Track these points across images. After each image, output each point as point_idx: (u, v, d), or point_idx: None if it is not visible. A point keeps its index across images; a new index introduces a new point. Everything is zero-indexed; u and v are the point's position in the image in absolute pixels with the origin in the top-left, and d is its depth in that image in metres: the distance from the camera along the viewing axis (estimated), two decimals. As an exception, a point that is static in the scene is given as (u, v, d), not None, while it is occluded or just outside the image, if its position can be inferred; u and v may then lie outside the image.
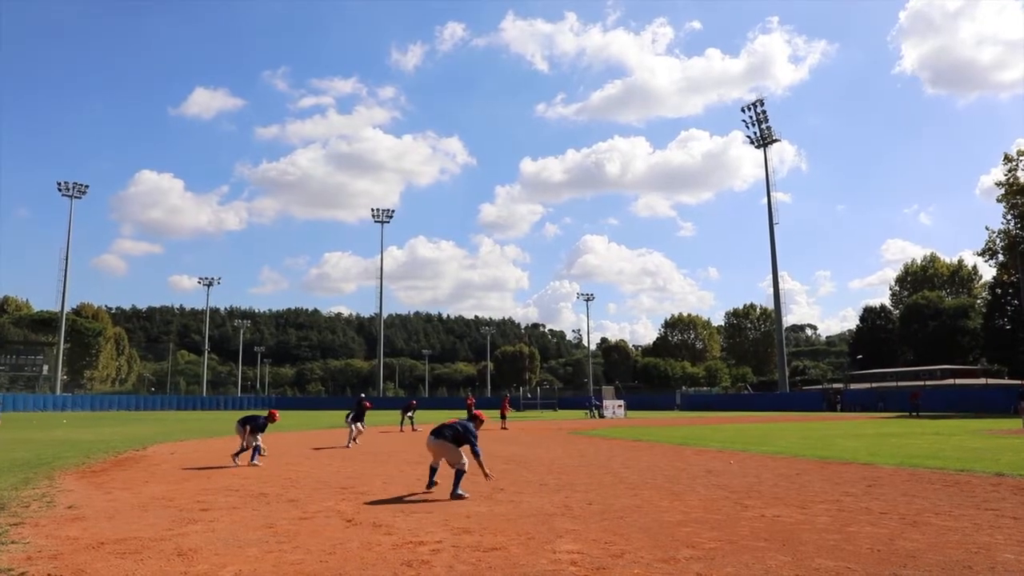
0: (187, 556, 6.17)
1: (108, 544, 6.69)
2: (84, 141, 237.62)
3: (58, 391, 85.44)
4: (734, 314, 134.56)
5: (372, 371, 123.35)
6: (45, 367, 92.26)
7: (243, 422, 14.56)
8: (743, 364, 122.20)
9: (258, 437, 14.46)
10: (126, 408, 79.64)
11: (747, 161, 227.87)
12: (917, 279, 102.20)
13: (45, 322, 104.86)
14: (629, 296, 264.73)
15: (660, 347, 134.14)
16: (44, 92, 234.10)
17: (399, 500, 9.57)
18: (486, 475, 10.44)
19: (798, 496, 9.83)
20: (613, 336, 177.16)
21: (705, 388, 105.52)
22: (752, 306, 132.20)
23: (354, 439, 19.56)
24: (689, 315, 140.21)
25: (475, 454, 10.10)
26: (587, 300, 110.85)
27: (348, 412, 20.37)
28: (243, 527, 7.55)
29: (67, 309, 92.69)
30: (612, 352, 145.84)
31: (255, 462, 14.25)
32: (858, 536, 6.98)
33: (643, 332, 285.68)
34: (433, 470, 10.62)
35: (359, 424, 19.82)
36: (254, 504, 9.20)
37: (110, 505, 9.14)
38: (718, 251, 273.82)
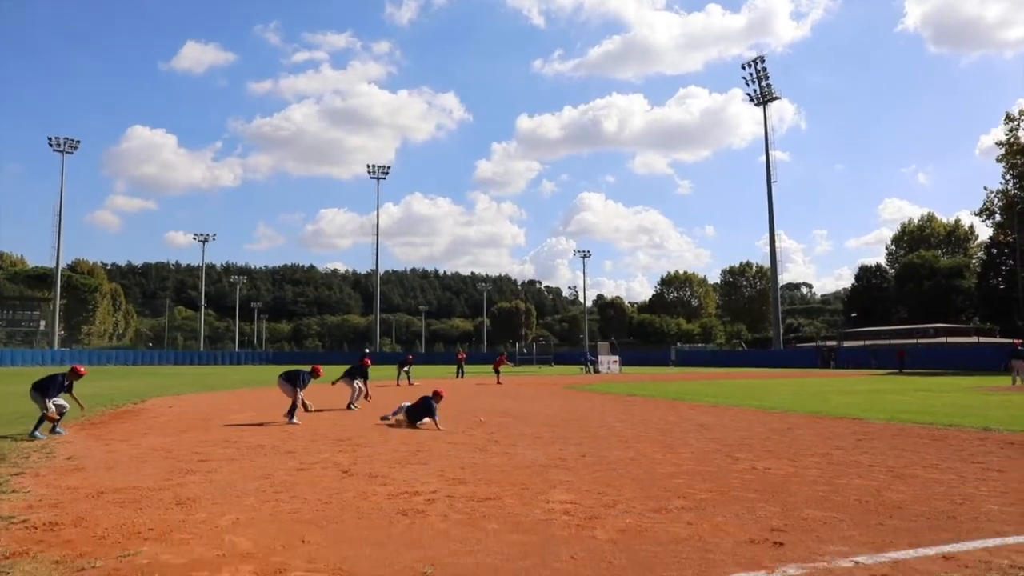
0: (186, 505, 6.26)
1: (107, 493, 6.78)
2: (75, 96, 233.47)
3: (56, 346, 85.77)
4: (730, 272, 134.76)
5: (369, 327, 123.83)
6: (42, 322, 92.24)
7: (285, 377, 13.93)
8: (738, 321, 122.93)
9: (299, 393, 13.60)
10: (124, 363, 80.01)
11: (746, 119, 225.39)
12: (913, 239, 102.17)
13: (40, 278, 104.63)
14: (626, 253, 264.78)
15: (656, 304, 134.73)
16: (34, 46, 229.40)
17: (395, 452, 9.68)
18: (437, 427, 12.44)
19: (789, 449, 9.98)
20: (609, 293, 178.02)
21: (700, 345, 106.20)
22: (748, 264, 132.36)
23: (356, 401, 17.35)
24: (685, 272, 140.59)
25: (435, 420, 12.57)
26: (583, 257, 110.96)
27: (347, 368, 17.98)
28: (241, 477, 7.65)
29: (62, 265, 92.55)
30: (608, 309, 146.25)
31: (294, 420, 13.24)
32: (846, 488, 7.10)
33: (639, 289, 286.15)
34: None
35: (360, 383, 17.62)
36: (251, 455, 9.31)
37: (109, 456, 9.24)
38: (715, 209, 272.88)
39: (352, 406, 16.80)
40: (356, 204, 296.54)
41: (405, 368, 31.36)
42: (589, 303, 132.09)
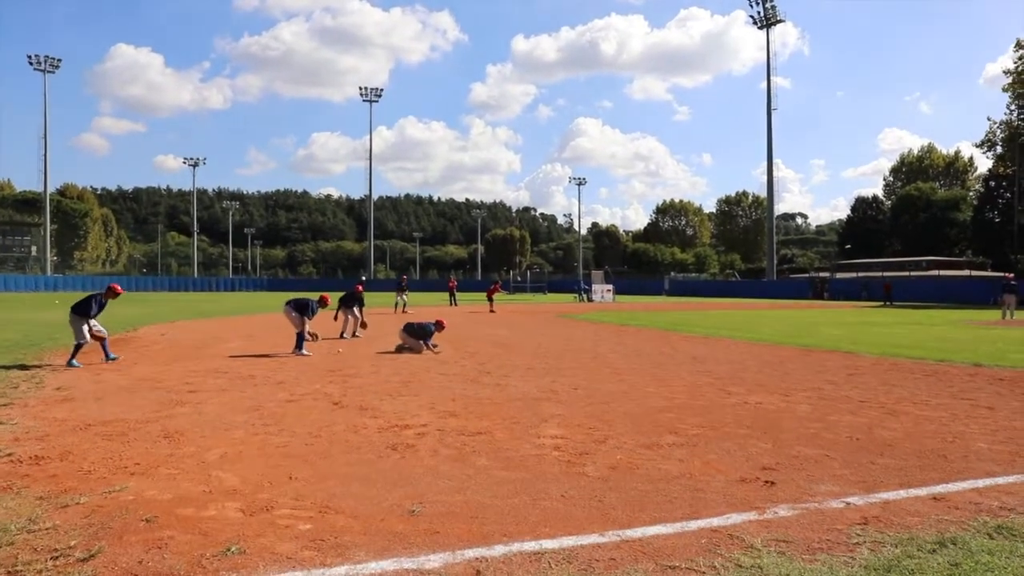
0: (173, 438, 6.21)
1: (95, 426, 6.73)
2: (54, 13, 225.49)
3: (48, 272, 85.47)
4: (726, 201, 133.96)
5: (363, 253, 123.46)
6: (34, 248, 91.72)
7: (294, 305, 13.26)
8: (732, 251, 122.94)
9: (307, 323, 13.16)
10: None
11: (748, 43, 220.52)
12: (912, 170, 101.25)
13: (29, 202, 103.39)
14: (621, 181, 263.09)
15: (651, 233, 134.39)
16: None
17: (387, 383, 9.66)
18: (433, 351, 13.70)
19: (781, 384, 9.99)
20: (604, 221, 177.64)
21: (694, 275, 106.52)
22: (744, 193, 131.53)
23: (350, 331, 17.04)
24: (681, 201, 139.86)
25: (428, 346, 13.75)
26: (579, 184, 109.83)
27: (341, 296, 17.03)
28: (230, 409, 7.60)
29: (51, 189, 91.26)
30: (603, 237, 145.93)
31: (303, 352, 12.83)
32: (838, 425, 7.10)
33: (634, 217, 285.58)
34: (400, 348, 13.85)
35: (355, 311, 17.16)
36: (241, 386, 9.27)
37: (98, 387, 9.18)
38: (713, 137, 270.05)
39: (345, 335, 16.78)
40: (349, 128, 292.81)
41: (403, 296, 31.30)
42: (584, 231, 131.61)
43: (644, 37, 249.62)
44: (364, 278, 38.76)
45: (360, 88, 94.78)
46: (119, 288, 12.92)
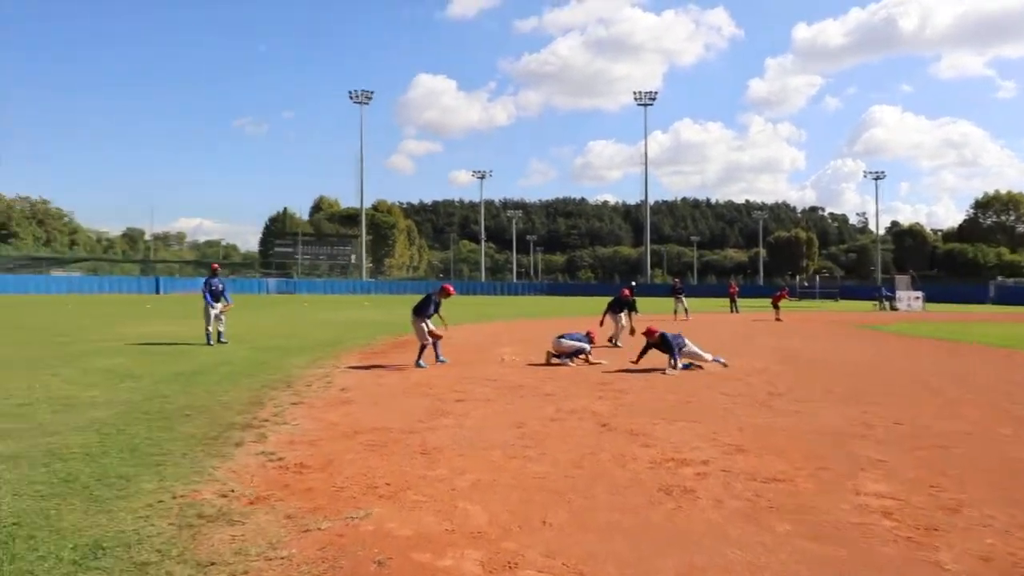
0: (430, 455, 5.82)
1: (362, 433, 6.64)
2: (367, 51, 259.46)
3: (364, 277, 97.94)
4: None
5: (640, 258, 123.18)
6: (353, 256, 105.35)
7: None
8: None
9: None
10: (419, 292, 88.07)
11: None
12: None
13: (351, 217, 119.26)
14: (926, 173, 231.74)
15: (967, 231, 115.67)
16: (324, 12, 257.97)
17: (661, 402, 8.61)
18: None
19: None
20: (905, 219, 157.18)
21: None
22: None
23: (620, 338, 15.98)
24: (1009, 192, 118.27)
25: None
26: (876, 179, 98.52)
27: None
28: (492, 424, 7.13)
29: (366, 205, 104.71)
30: (905, 237, 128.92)
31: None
32: None
33: (943, 214, 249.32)
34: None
35: (623, 317, 16.36)
36: (508, 397, 8.86)
37: (377, 389, 9.40)
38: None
39: (615, 342, 16.07)
40: (623, 135, 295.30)
41: (681, 300, 29.73)
42: (882, 231, 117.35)
43: (953, 6, 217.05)
44: (634, 283, 37.58)
45: (634, 93, 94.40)
46: (451, 289, 13.49)
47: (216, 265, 16.47)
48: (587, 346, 12.55)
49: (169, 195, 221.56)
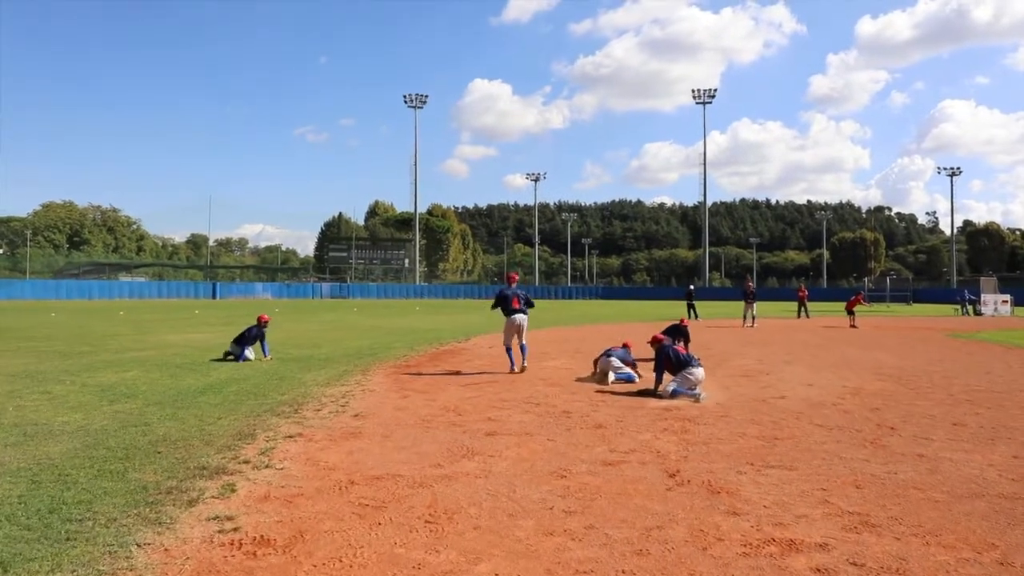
0: (436, 526, 4.28)
1: (359, 485, 5.15)
2: (424, 58, 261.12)
3: (417, 281, 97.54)
4: None
5: (697, 260, 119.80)
6: (406, 260, 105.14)
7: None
8: None
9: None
10: (471, 296, 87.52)
11: None
12: None
13: (406, 222, 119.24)
14: (1001, 170, 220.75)
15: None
16: (384, 18, 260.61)
17: (742, 438, 6.89)
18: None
19: None
20: (979, 218, 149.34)
21: None
22: None
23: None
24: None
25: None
26: (951, 175, 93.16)
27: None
28: (527, 471, 5.56)
29: (421, 210, 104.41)
30: (980, 237, 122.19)
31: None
32: None
33: (1021, 212, 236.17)
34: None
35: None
36: (552, 428, 7.27)
37: (396, 415, 7.93)
38: None
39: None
40: (680, 136, 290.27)
41: (751, 307, 27.29)
42: (954, 230, 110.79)
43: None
44: (692, 286, 35.49)
45: (693, 91, 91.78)
46: (265, 317, 13.56)
47: (266, 317, 14.02)
48: (636, 376, 10.81)
49: (234, 202, 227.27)
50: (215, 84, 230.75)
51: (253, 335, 13.24)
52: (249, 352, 13.03)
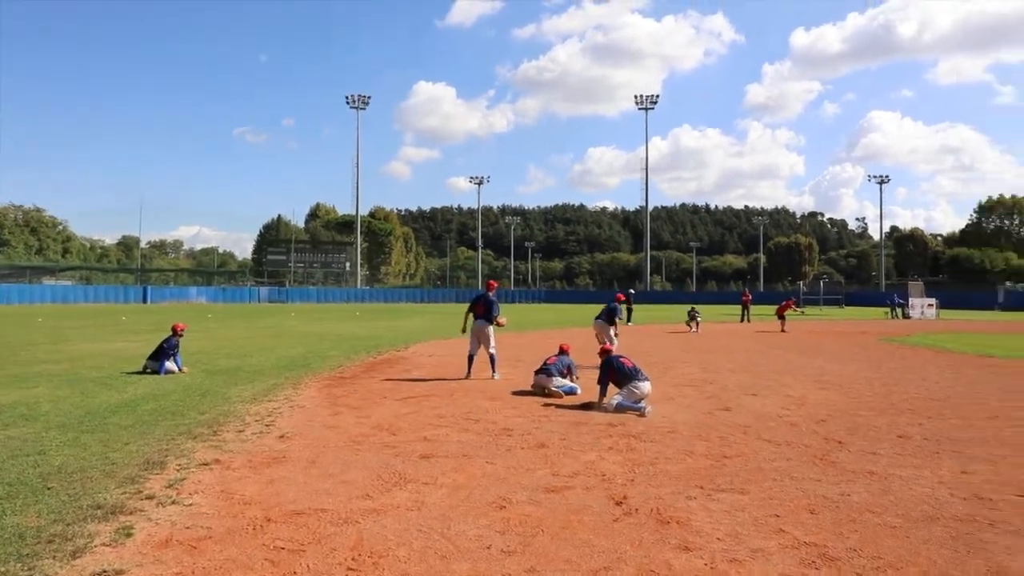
0: (360, 572, 3.81)
1: (275, 523, 4.63)
2: (367, 59, 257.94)
3: (359, 285, 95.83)
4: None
5: (639, 264, 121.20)
6: (348, 264, 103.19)
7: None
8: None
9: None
10: (414, 300, 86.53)
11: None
12: None
13: (347, 224, 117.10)
14: (924, 179, 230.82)
15: (971, 236, 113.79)
16: (327, 19, 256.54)
17: (689, 456, 6.60)
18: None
19: None
20: (904, 224, 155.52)
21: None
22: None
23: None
24: (1014, 197, 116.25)
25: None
26: (880, 183, 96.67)
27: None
28: (463, 502, 5.12)
29: (363, 212, 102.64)
30: (906, 242, 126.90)
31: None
32: None
33: (941, 219, 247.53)
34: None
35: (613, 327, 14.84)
36: (490, 449, 6.84)
37: (325, 436, 7.38)
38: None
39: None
40: (622, 141, 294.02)
41: (696, 317, 27.48)
42: (883, 236, 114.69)
43: (953, 10, 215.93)
44: (631, 290, 35.46)
45: (636, 96, 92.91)
46: (493, 284, 13.20)
47: (182, 325, 13.12)
48: (578, 388, 10.43)
49: (170, 203, 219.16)
50: (148, 81, 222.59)
51: (172, 345, 12.43)
52: (170, 364, 12.23)
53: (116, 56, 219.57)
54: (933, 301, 46.75)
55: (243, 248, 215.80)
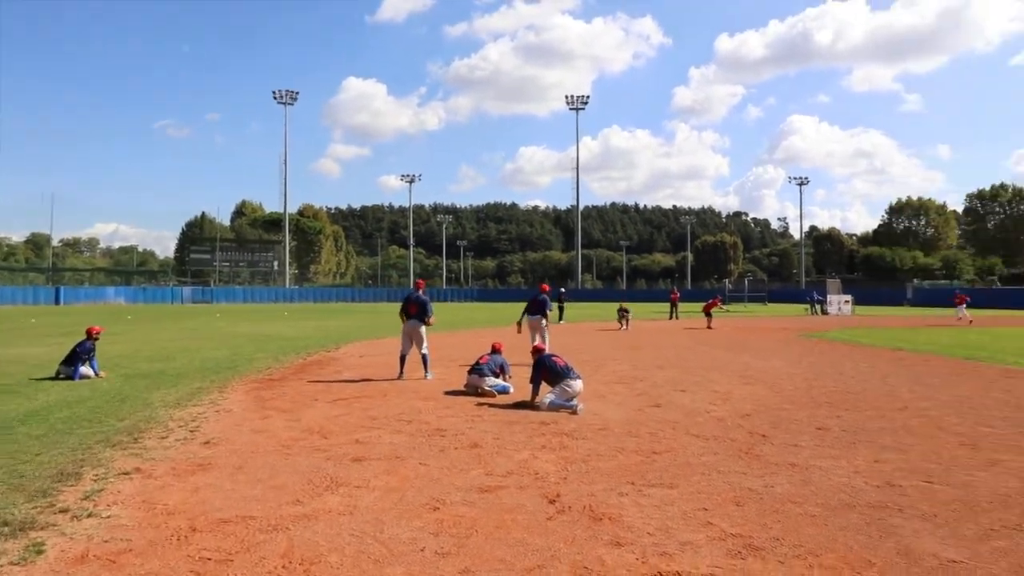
0: (290, 583, 3.74)
1: (200, 532, 4.48)
2: (295, 54, 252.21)
3: (288, 284, 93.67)
4: (978, 196, 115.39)
5: (570, 263, 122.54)
6: (275, 263, 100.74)
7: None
8: (988, 255, 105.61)
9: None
10: (345, 299, 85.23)
11: (995, 15, 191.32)
12: None
13: (275, 222, 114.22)
14: (840, 181, 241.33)
15: (882, 235, 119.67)
16: (254, 11, 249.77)
17: (621, 452, 6.72)
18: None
19: None
20: (822, 224, 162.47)
21: (944, 281, 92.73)
22: (1003, 187, 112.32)
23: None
24: (920, 199, 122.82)
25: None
26: (800, 184, 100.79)
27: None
28: (396, 505, 5.07)
29: (291, 210, 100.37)
30: (824, 241, 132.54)
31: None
32: None
33: (856, 220, 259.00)
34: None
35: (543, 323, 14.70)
36: (423, 450, 6.80)
37: (253, 440, 7.19)
38: (951, 126, 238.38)
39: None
40: (554, 141, 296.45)
41: (626, 314, 28.10)
42: (803, 235, 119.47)
43: (866, 21, 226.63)
44: (563, 289, 35.86)
45: (566, 96, 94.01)
46: (421, 283, 13.39)
47: (97, 328, 12.51)
48: (511, 387, 10.49)
49: (84, 200, 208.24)
50: (58, 69, 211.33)
51: (86, 349, 11.87)
52: (85, 368, 11.69)
53: (23, 43, 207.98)
54: (849, 298, 49.01)
55: (165, 246, 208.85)
